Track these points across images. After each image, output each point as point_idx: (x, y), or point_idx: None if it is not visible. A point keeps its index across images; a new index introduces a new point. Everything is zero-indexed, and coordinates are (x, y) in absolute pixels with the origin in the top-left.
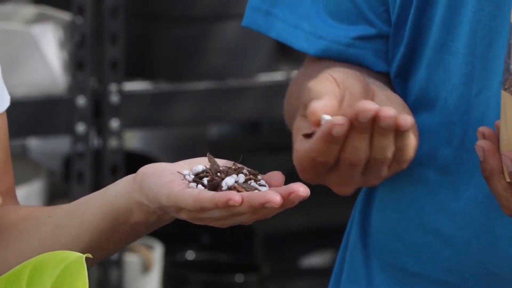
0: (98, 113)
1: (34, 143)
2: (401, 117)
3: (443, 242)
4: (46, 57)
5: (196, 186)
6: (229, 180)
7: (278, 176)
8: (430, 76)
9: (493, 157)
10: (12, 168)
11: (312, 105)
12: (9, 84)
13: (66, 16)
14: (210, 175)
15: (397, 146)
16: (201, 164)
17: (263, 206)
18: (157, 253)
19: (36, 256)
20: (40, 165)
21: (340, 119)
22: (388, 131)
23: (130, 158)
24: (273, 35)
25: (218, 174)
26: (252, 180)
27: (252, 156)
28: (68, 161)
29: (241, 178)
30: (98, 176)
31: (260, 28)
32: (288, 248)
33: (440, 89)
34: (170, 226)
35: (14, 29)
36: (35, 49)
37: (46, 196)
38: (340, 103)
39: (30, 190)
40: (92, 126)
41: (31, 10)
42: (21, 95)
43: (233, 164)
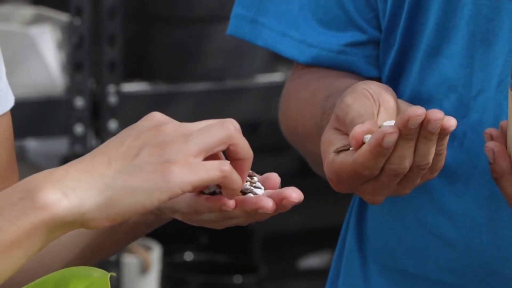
0: (96, 114)
1: (32, 144)
2: (446, 118)
3: (444, 243)
4: (44, 58)
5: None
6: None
7: (274, 178)
8: (423, 80)
9: (503, 158)
10: (17, 168)
11: (356, 130)
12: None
13: (64, 17)
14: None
15: (436, 150)
16: None
17: (255, 211)
18: (155, 254)
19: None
20: (38, 166)
21: (390, 128)
22: (434, 135)
23: None
24: (261, 43)
25: None
26: (248, 182)
27: None
28: (66, 162)
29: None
30: None
31: (246, 36)
32: (286, 249)
33: (434, 92)
34: (168, 227)
35: (12, 30)
36: (33, 50)
37: None
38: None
39: None
40: (90, 127)
41: (29, 11)
42: (19, 96)
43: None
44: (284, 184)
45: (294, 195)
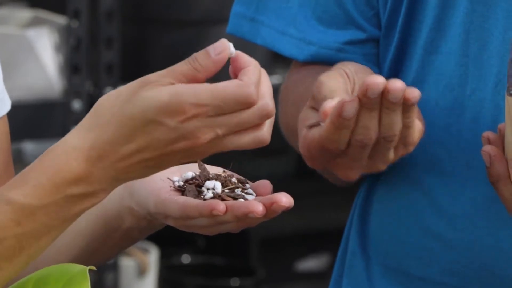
0: None
1: (30, 147)
2: (409, 90)
3: (444, 245)
4: (41, 60)
5: (182, 194)
6: (209, 184)
7: (266, 185)
8: (421, 77)
9: (500, 162)
10: (13, 171)
11: (325, 105)
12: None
13: (61, 19)
14: (199, 182)
15: (404, 123)
16: (191, 170)
17: (246, 215)
18: (152, 256)
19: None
20: None
21: (349, 98)
22: (397, 105)
23: None
24: (260, 41)
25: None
26: (240, 188)
27: (248, 160)
28: None
29: (217, 186)
30: None
31: (245, 35)
32: (283, 251)
33: (432, 90)
34: (165, 230)
35: (10, 32)
36: (31, 52)
37: None
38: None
39: None
40: None
41: (27, 14)
42: (17, 99)
43: (223, 171)
44: (282, 186)
45: (284, 199)
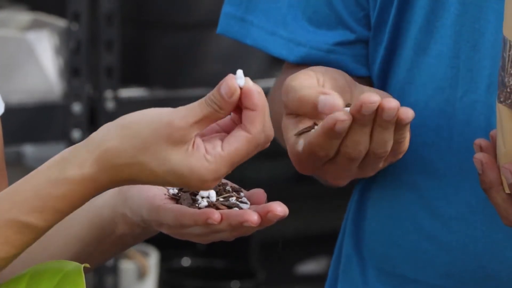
0: (94, 119)
1: (30, 150)
2: (402, 109)
3: (439, 247)
4: (41, 63)
5: (176, 202)
6: (204, 192)
7: (260, 194)
8: (410, 79)
9: (492, 169)
10: (6, 176)
11: (327, 100)
12: (4, 91)
13: (61, 22)
14: (194, 190)
15: (395, 139)
16: None
17: (241, 224)
18: (152, 259)
19: (34, 266)
20: None
21: (343, 115)
22: (390, 123)
23: None
24: (250, 42)
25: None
26: (234, 197)
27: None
28: None
29: (212, 194)
30: None
31: (235, 35)
32: (283, 254)
33: (420, 92)
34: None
35: (10, 35)
36: (31, 55)
37: None
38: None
39: None
40: (88, 132)
41: (27, 17)
42: (17, 101)
43: None
44: (282, 190)
45: (279, 209)
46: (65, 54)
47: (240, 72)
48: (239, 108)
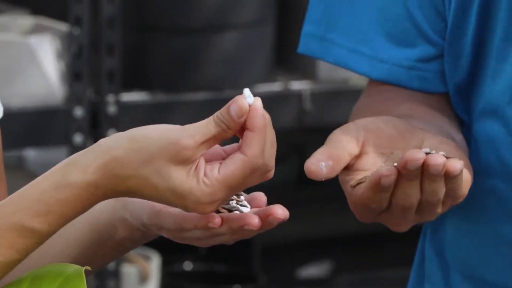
0: (95, 124)
1: (31, 154)
2: (450, 163)
3: None
4: (43, 68)
5: None
6: None
7: (260, 197)
8: (492, 88)
9: None
10: (5, 179)
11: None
12: (6, 95)
13: (63, 27)
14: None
15: (448, 187)
16: None
17: (241, 228)
18: (154, 263)
19: (35, 269)
20: (37, 176)
21: (386, 170)
22: (438, 176)
23: None
24: (331, 60)
25: None
26: (234, 200)
27: None
28: None
29: None
30: None
31: (316, 54)
32: (285, 258)
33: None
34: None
35: (11, 39)
36: (32, 59)
37: None
38: (362, 147)
39: None
40: (90, 137)
41: (28, 21)
42: (18, 106)
43: None
44: (284, 194)
45: (280, 212)
46: (66, 58)
47: (247, 90)
48: (243, 130)
